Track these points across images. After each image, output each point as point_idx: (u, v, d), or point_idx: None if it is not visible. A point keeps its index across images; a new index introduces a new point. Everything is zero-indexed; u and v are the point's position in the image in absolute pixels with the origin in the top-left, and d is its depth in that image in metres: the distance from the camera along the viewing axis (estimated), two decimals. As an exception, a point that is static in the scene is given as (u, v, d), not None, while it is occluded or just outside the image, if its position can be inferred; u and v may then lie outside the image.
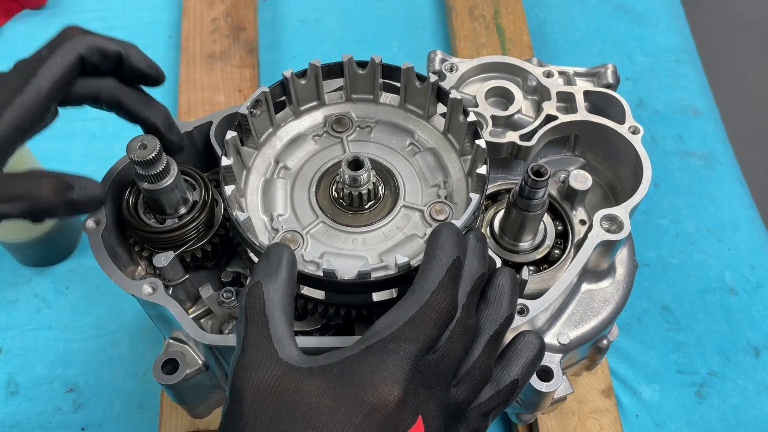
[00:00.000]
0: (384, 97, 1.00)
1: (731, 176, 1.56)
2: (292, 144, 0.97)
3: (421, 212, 0.91)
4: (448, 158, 0.95)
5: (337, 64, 0.95)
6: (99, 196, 0.76)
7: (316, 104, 0.99)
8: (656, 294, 1.41)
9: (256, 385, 0.65)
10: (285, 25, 1.76)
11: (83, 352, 1.32)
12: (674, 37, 1.76)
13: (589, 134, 1.04)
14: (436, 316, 0.69)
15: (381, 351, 0.67)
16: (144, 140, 0.82)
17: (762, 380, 1.32)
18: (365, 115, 1.00)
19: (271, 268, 0.73)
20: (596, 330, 0.98)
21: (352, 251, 0.88)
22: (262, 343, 0.68)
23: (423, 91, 0.95)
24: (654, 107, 1.65)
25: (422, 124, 0.98)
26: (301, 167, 0.95)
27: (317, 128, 0.98)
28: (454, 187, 0.93)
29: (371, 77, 0.97)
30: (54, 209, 0.74)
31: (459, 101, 0.91)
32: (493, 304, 0.77)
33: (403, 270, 0.81)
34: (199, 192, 0.93)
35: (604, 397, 1.24)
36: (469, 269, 0.76)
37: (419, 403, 0.67)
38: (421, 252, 0.87)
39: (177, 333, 0.91)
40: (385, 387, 0.64)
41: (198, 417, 1.04)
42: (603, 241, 0.91)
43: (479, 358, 0.74)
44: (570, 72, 1.09)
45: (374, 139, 0.98)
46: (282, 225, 0.89)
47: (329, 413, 0.63)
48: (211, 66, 1.59)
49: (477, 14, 1.66)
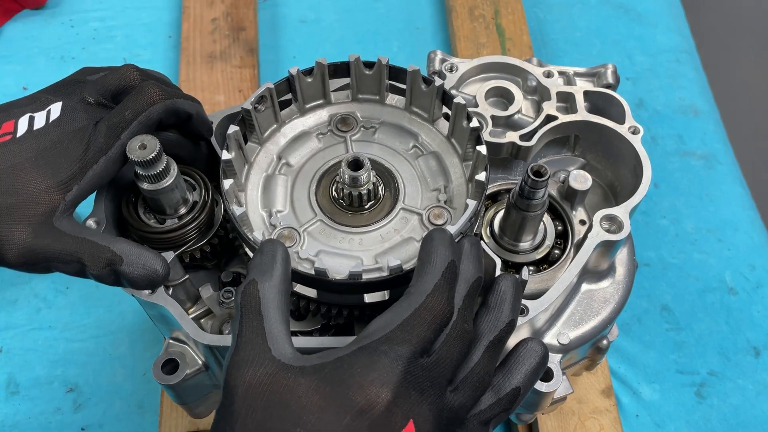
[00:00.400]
0: (390, 99, 1.00)
1: (731, 176, 1.56)
2: (296, 141, 0.97)
3: (419, 216, 0.91)
4: (450, 163, 0.95)
5: (344, 63, 0.95)
6: (153, 276, 0.80)
7: (321, 102, 0.99)
8: (656, 294, 1.41)
9: (248, 383, 0.66)
10: (285, 25, 1.76)
11: (83, 352, 1.32)
12: (674, 37, 1.76)
13: (589, 134, 1.04)
14: (430, 318, 0.69)
15: (372, 352, 0.67)
16: (144, 140, 0.82)
17: (762, 380, 1.32)
18: (371, 116, 0.99)
19: (266, 265, 0.74)
20: (596, 330, 0.98)
21: (348, 251, 0.88)
22: (255, 341, 0.68)
23: (428, 95, 0.95)
24: (654, 107, 1.65)
25: (427, 127, 0.98)
26: (303, 164, 0.95)
27: (322, 126, 0.98)
28: (454, 192, 0.93)
29: (378, 78, 0.97)
30: (102, 279, 0.79)
31: (463, 106, 0.91)
32: (494, 310, 0.77)
33: (394, 272, 0.81)
34: (199, 192, 0.93)
35: (604, 397, 1.24)
36: (465, 273, 0.76)
37: (411, 407, 0.66)
38: (416, 255, 0.87)
39: (177, 333, 0.91)
40: (374, 389, 0.64)
41: (198, 417, 1.04)
42: (603, 241, 0.91)
43: (478, 364, 0.73)
44: (570, 72, 1.09)
45: (378, 140, 0.98)
46: (280, 221, 0.89)
47: (318, 412, 0.63)
48: (211, 66, 1.59)
49: (477, 14, 1.67)
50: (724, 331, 1.37)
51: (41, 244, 0.77)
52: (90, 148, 0.81)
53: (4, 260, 0.78)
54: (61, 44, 1.70)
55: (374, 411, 0.64)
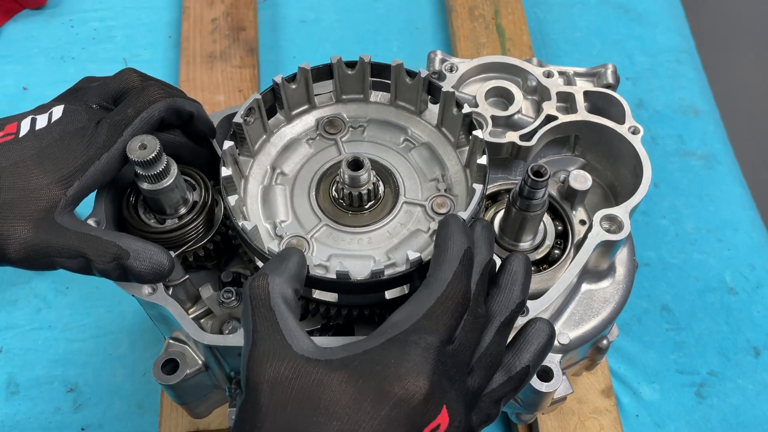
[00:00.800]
0: (374, 96, 1.00)
1: (731, 176, 1.56)
2: (287, 149, 0.96)
3: (422, 207, 0.91)
4: (443, 152, 0.95)
5: (326, 66, 0.95)
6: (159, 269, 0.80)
7: (307, 108, 0.99)
8: (656, 294, 1.41)
9: (273, 377, 0.65)
10: (285, 25, 1.76)
11: (83, 352, 1.32)
12: (674, 37, 1.76)
13: (589, 134, 1.04)
14: (453, 306, 0.70)
15: (403, 343, 0.67)
16: (144, 140, 0.82)
17: (762, 380, 1.32)
18: (357, 115, 1.00)
19: (278, 263, 0.74)
20: (596, 330, 0.98)
21: (359, 251, 0.88)
22: (273, 335, 0.68)
23: (414, 87, 0.95)
24: (654, 107, 1.65)
25: (414, 119, 0.98)
26: (298, 172, 0.95)
27: (310, 132, 0.98)
28: (452, 179, 0.93)
29: (361, 77, 0.97)
30: (107, 274, 0.80)
31: (452, 94, 0.91)
32: (504, 291, 0.77)
33: (415, 265, 0.81)
34: (199, 192, 0.93)
35: (604, 397, 1.24)
36: (479, 257, 0.76)
37: (443, 394, 0.67)
38: (427, 246, 0.88)
39: (177, 333, 0.91)
40: (411, 379, 0.64)
41: (198, 417, 1.04)
42: (603, 242, 0.91)
43: (490, 345, 0.74)
44: (570, 72, 1.09)
45: (368, 138, 0.98)
46: (286, 231, 0.89)
47: (354, 405, 0.63)
48: (211, 66, 1.59)
49: (477, 14, 1.67)
50: (724, 331, 1.37)
51: (43, 240, 0.77)
52: (92, 145, 0.82)
53: (6, 257, 0.78)
54: (61, 44, 1.70)
55: (413, 401, 0.64)
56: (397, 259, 0.84)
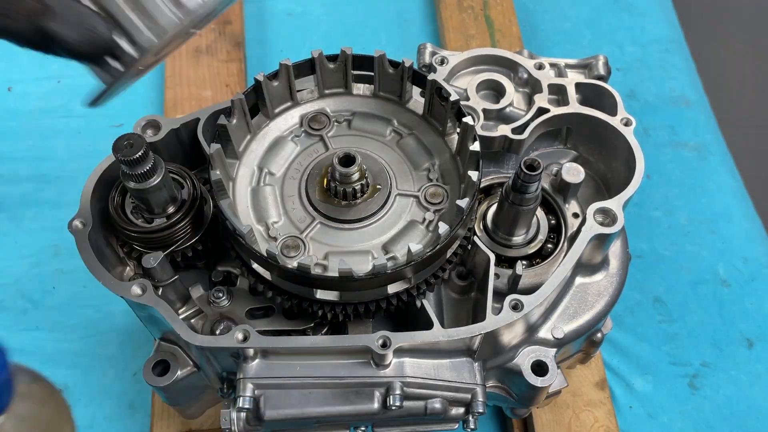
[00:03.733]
0: (357, 89, 0.98)
1: (723, 167, 1.55)
2: (273, 148, 0.94)
3: (416, 198, 0.90)
4: (430, 141, 0.94)
5: (308, 61, 0.93)
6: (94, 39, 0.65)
7: (289, 105, 0.97)
8: (649, 286, 1.40)
9: None
10: (271, 19, 1.74)
11: (72, 353, 1.30)
12: (663, 27, 1.76)
13: (581, 126, 1.04)
14: None
15: None
16: (131, 138, 0.80)
17: (755, 371, 1.32)
18: (340, 109, 0.98)
19: None
20: (591, 323, 0.98)
21: (355, 247, 0.86)
22: None
23: (397, 77, 0.93)
24: (645, 98, 1.64)
25: (399, 110, 0.97)
26: (286, 171, 0.93)
27: (295, 129, 0.96)
28: (443, 168, 0.92)
29: (343, 70, 0.95)
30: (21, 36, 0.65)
31: (437, 82, 0.90)
32: None
33: (418, 258, 0.80)
34: (187, 190, 0.91)
35: (598, 389, 1.24)
36: None
37: None
38: (425, 237, 0.86)
39: (167, 334, 0.89)
40: None
41: (190, 417, 1.03)
42: (597, 235, 0.90)
43: None
44: (561, 64, 1.08)
45: (355, 132, 0.96)
46: (279, 232, 0.87)
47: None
48: (197, 60, 1.57)
49: (465, 5, 1.65)
50: (717, 322, 1.37)
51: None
52: None
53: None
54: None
55: None
56: (397, 252, 0.83)
